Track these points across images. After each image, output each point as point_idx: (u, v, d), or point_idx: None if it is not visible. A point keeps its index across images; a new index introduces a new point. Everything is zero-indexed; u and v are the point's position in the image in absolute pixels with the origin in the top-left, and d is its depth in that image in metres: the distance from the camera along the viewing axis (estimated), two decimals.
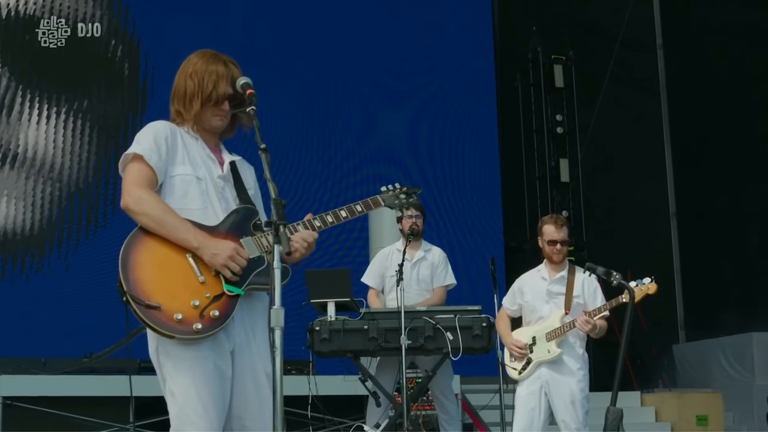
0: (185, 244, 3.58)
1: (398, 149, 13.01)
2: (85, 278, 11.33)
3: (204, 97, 3.80)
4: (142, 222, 3.59)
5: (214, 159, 3.85)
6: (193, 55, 3.90)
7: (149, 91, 12.28)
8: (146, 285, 3.50)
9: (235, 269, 3.57)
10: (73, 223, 11.77)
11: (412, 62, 13.32)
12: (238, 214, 3.74)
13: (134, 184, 3.62)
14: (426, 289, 7.95)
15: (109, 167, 11.93)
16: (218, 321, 3.51)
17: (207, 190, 3.75)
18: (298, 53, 12.68)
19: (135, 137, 3.76)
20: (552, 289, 6.81)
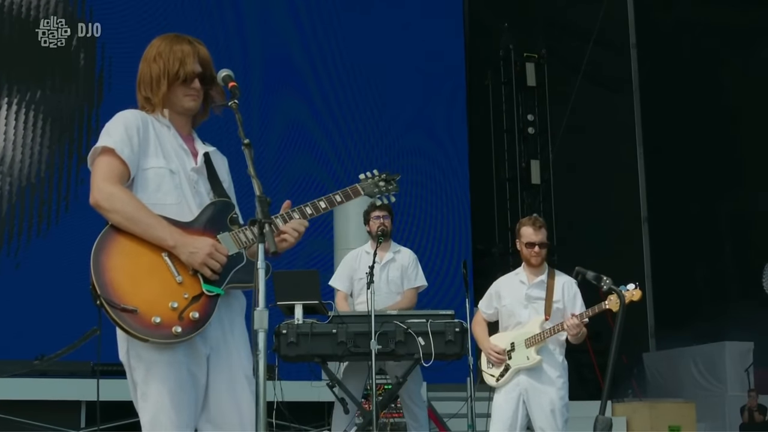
0: (161, 242, 3.49)
1: (364, 146, 12.98)
2: (36, 277, 11.20)
3: (171, 76, 3.70)
4: (113, 220, 3.49)
5: (187, 150, 3.75)
6: (155, 40, 3.81)
7: (106, 83, 12.17)
8: (121, 287, 3.41)
9: (215, 267, 3.50)
10: (23, 219, 11.62)
11: (379, 57, 13.28)
12: (215, 208, 3.66)
13: (105, 180, 3.52)
14: (396, 292, 7.92)
15: (62, 161, 11.81)
16: (198, 323, 3.45)
17: (181, 183, 3.65)
18: (260, 48, 12.63)
19: (104, 128, 3.65)
20: (531, 294, 6.80)
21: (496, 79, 14.48)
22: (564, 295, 6.71)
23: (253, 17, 12.69)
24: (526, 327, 6.67)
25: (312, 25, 13.05)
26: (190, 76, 3.71)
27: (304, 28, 13.00)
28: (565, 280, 6.76)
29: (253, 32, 12.70)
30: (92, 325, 7.76)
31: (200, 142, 3.82)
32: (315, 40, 13.02)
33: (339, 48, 13.11)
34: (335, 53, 13.08)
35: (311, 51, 12.98)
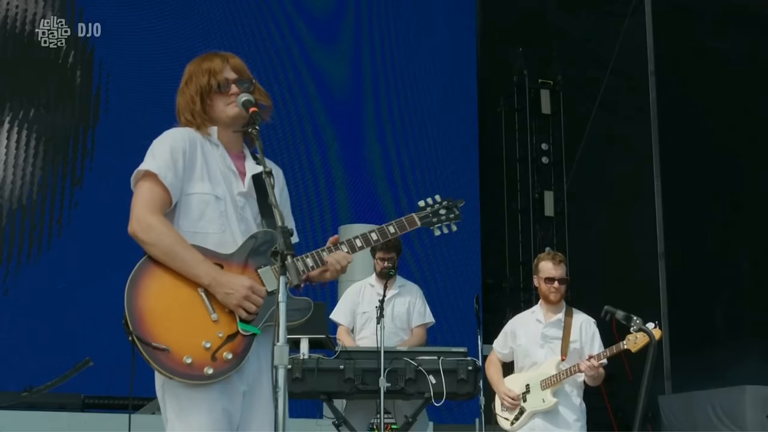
0: (196, 280, 3.52)
1: (371, 173, 13.00)
2: (25, 304, 11.19)
3: (204, 90, 3.76)
4: (151, 252, 3.54)
5: (236, 172, 3.78)
6: (186, 66, 3.89)
7: (102, 102, 12.18)
8: (153, 323, 3.45)
9: (250, 309, 3.51)
10: (13, 244, 11.59)
11: (388, 82, 13.33)
12: (257, 240, 3.68)
13: (144, 209, 3.57)
14: (401, 327, 7.93)
15: (55, 183, 11.81)
16: (231, 364, 3.46)
17: (226, 210, 3.69)
18: (261, 65, 12.67)
19: (151, 146, 3.70)
20: (547, 333, 6.80)
21: (509, 106, 14.52)
22: (582, 334, 6.72)
23: (256, 36, 12.74)
24: (542, 368, 6.67)
25: (319, 51, 13.10)
26: (223, 84, 3.73)
27: (313, 50, 13.04)
28: (583, 319, 6.76)
29: (252, 53, 12.75)
30: (84, 355, 7.76)
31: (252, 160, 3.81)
32: (321, 66, 13.06)
33: (347, 72, 13.15)
34: (342, 77, 13.13)
35: (315, 79, 13.02)
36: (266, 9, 12.96)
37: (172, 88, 11.83)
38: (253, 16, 12.82)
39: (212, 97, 3.76)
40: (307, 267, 3.75)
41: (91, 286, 11.21)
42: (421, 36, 13.59)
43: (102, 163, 11.83)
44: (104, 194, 11.58)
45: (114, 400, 10.09)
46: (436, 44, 13.64)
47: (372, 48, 13.33)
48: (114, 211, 11.13)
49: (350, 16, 13.35)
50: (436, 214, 4.10)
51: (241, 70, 3.82)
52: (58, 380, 8.79)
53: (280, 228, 3.33)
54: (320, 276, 3.82)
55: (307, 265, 3.75)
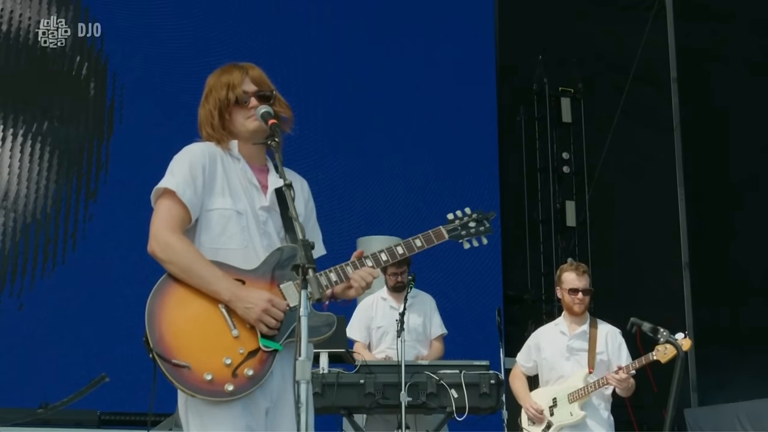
0: (216, 296, 3.55)
1: (389, 184, 12.99)
2: (40, 319, 11.22)
3: (222, 104, 3.77)
4: (170, 270, 3.58)
5: (258, 186, 3.80)
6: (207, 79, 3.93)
7: (117, 114, 12.21)
8: (174, 341, 3.48)
9: (270, 324, 3.53)
10: (28, 258, 11.63)
11: (408, 91, 13.33)
12: (281, 255, 3.70)
13: (163, 227, 3.61)
14: (417, 339, 7.96)
15: (69, 196, 11.85)
16: (252, 381, 3.47)
17: (248, 225, 3.71)
18: (278, 75, 12.68)
19: (171, 163, 3.73)
20: (573, 345, 6.81)
21: (529, 115, 14.49)
22: (608, 345, 6.72)
23: (273, 45, 12.76)
24: (569, 381, 6.67)
25: (337, 60, 13.12)
26: (242, 97, 3.74)
27: (327, 62, 13.06)
28: (609, 329, 6.77)
29: (268, 63, 12.77)
30: (99, 371, 7.80)
31: (274, 173, 3.82)
32: (339, 76, 13.08)
33: (364, 81, 13.16)
34: (359, 86, 13.13)
35: (333, 89, 13.04)
36: (283, 18, 12.96)
37: (188, 100, 11.90)
38: (269, 25, 12.83)
39: (231, 111, 3.78)
40: (331, 282, 3.77)
41: (107, 301, 11.25)
42: (439, 44, 13.58)
43: (117, 176, 11.86)
44: (119, 207, 11.63)
45: (131, 416, 10.12)
46: (454, 52, 13.62)
47: (389, 57, 13.32)
48: (129, 224, 11.36)
49: (367, 26, 13.34)
50: (465, 227, 4.09)
51: (261, 82, 3.84)
52: (74, 396, 8.84)
53: (301, 241, 3.35)
54: (344, 292, 3.83)
55: (331, 281, 3.77)
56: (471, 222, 4.10)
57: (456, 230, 4.06)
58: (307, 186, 4.02)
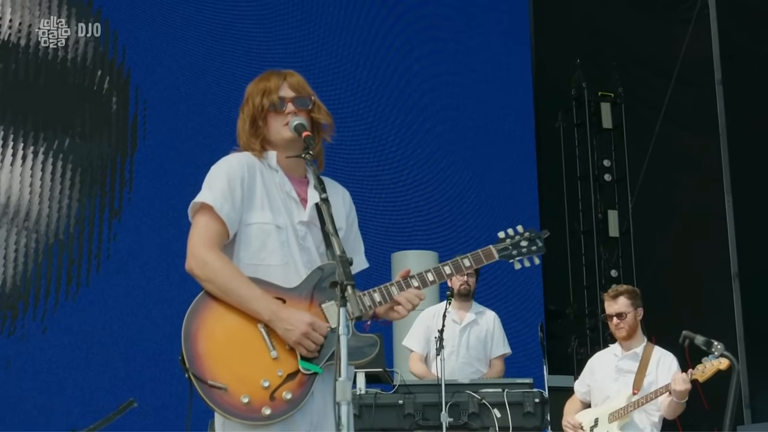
0: (255, 315, 3.57)
1: (424, 196, 12.99)
2: (65, 343, 11.27)
3: (257, 112, 3.80)
4: (208, 289, 3.60)
5: (297, 199, 3.82)
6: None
7: (140, 130, 12.24)
8: (211, 361, 3.49)
9: (310, 347, 3.55)
10: (51, 280, 11.68)
11: (441, 99, 13.34)
12: (323, 273, 3.71)
13: (200, 244, 3.63)
14: (477, 358, 7.96)
15: (93, 215, 11.90)
16: (291, 404, 3.48)
17: (288, 240, 3.73)
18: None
19: (207, 175, 3.75)
20: (621, 366, 6.81)
21: (568, 121, 14.46)
22: (658, 368, 6.69)
23: (300, 54, 12.79)
24: (613, 401, 6.66)
25: (367, 69, 13.14)
26: (277, 103, 3.76)
27: (359, 65, 13.09)
28: (663, 354, 6.75)
29: (297, 69, 12.79)
30: (127, 396, 7.85)
31: (315, 184, 3.81)
32: (370, 85, 13.09)
33: (396, 90, 13.18)
34: (391, 95, 13.14)
35: (363, 98, 13.05)
36: (311, 26, 12.98)
37: (214, 113, 11.99)
38: (297, 33, 12.87)
39: (268, 118, 3.80)
40: (374, 302, 3.77)
41: (133, 323, 11.33)
42: (473, 50, 13.59)
43: (141, 194, 11.92)
44: (144, 226, 11.69)
45: None
46: (489, 58, 13.63)
47: (422, 64, 13.34)
48: (155, 243, 11.43)
49: (399, 33, 13.35)
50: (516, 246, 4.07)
51: (300, 88, 3.86)
52: (102, 422, 8.87)
53: (338, 257, 3.36)
54: (387, 313, 3.84)
55: (374, 300, 3.77)
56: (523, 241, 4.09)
57: (507, 250, 4.05)
58: (349, 196, 4.03)
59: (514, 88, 13.69)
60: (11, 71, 12.17)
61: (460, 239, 12.58)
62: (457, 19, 13.68)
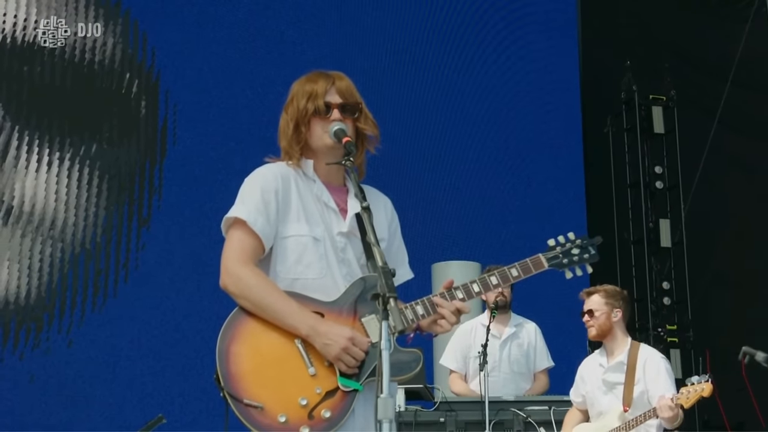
0: (293, 331, 3.59)
1: (466, 204, 12.97)
2: (91, 357, 11.37)
3: (300, 116, 3.80)
4: (243, 305, 3.62)
5: (336, 209, 3.83)
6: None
7: (170, 135, 12.31)
8: (246, 379, 3.52)
9: (350, 363, 3.56)
10: (77, 292, 11.76)
11: (483, 102, 13.32)
12: (364, 285, 3.72)
13: (233, 260, 3.65)
14: (519, 372, 7.96)
15: (121, 224, 11.97)
16: (330, 423, 3.50)
17: (326, 253, 3.75)
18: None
19: (240, 189, 3.77)
20: (608, 379, 6.78)
21: (617, 126, 14.38)
22: (645, 373, 6.62)
23: (337, 57, 12.78)
24: (606, 419, 6.63)
25: (406, 73, 13.13)
26: (322, 108, 3.77)
27: (400, 70, 13.08)
28: (648, 355, 6.67)
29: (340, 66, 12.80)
30: (156, 412, 7.94)
31: (354, 194, 3.83)
32: (409, 89, 13.08)
33: (436, 94, 13.17)
34: (431, 100, 13.13)
35: (403, 103, 13.05)
36: (347, 27, 12.99)
37: (246, 117, 12.03)
38: (332, 35, 12.88)
39: (311, 123, 3.80)
40: (417, 315, 3.78)
41: (162, 336, 11.38)
42: (517, 52, 13.56)
43: (171, 202, 11.97)
44: (174, 235, 11.74)
45: None
46: (534, 60, 13.59)
47: (462, 67, 13.31)
48: (185, 253, 11.48)
49: (439, 35, 13.33)
50: (567, 254, 4.03)
51: (348, 93, 3.85)
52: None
53: (380, 268, 3.35)
54: (431, 326, 3.83)
55: (417, 314, 3.78)
56: (574, 248, 4.04)
57: (557, 258, 4.00)
58: (390, 204, 4.03)
59: (560, 91, 13.64)
60: (36, 74, 12.28)
61: (503, 249, 12.55)
62: (499, 19, 13.64)
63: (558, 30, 13.89)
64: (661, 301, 13.34)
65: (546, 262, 3.98)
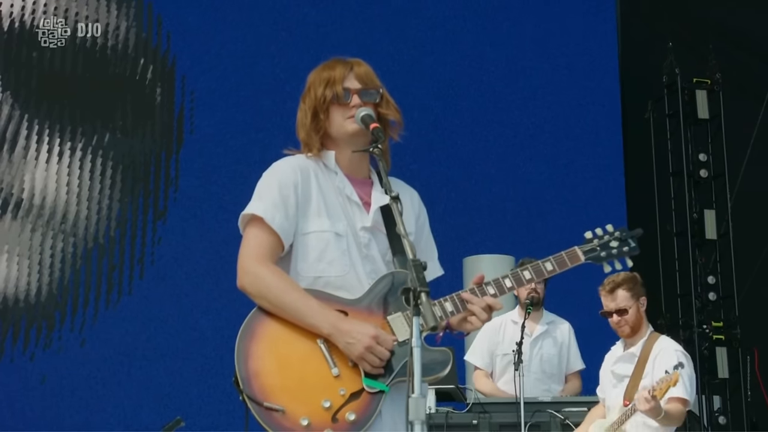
0: (315, 330, 3.61)
1: (498, 194, 12.94)
2: (105, 357, 11.42)
3: (318, 103, 3.81)
4: (262, 305, 3.65)
5: (359, 203, 3.84)
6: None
7: (186, 123, 12.34)
8: (266, 381, 3.54)
9: (374, 363, 3.57)
10: (90, 288, 11.81)
11: (516, 86, 13.28)
12: (390, 281, 3.73)
13: (250, 258, 3.68)
14: (550, 373, 7.96)
15: (135, 217, 12.00)
16: (355, 426, 3.51)
17: (348, 249, 3.75)
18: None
19: (258, 185, 3.78)
20: (617, 371, 6.78)
21: (659, 111, 14.31)
22: (654, 368, 6.54)
23: (362, 39, 12.75)
24: (611, 413, 6.62)
25: (434, 54, 13.11)
26: (341, 94, 3.78)
27: (422, 60, 13.05)
28: (662, 348, 6.60)
29: (357, 57, 12.79)
30: (173, 414, 8.00)
31: (379, 186, 3.85)
32: (437, 72, 13.05)
33: (467, 77, 13.14)
34: (462, 83, 13.11)
35: (430, 87, 13.02)
36: (373, 9, 12.95)
37: (267, 105, 12.04)
38: (357, 17, 12.84)
39: (330, 110, 3.80)
40: (446, 312, 3.77)
41: (180, 335, 11.41)
42: (553, 33, 13.49)
43: (188, 194, 11.99)
44: (192, 229, 11.76)
45: None
46: (570, 41, 13.54)
47: (495, 48, 13.27)
48: (203, 248, 11.51)
49: (470, 14, 13.29)
50: (605, 247, 4.00)
51: (368, 79, 3.86)
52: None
53: (411, 261, 3.35)
54: (461, 324, 3.83)
55: (446, 311, 3.77)
56: (613, 241, 4.01)
57: (594, 251, 3.98)
58: (418, 197, 4.02)
59: (598, 74, 13.60)
60: (46, 60, 12.32)
61: (538, 242, 12.51)
62: (534, 1, 13.60)
63: (596, 8, 13.83)
64: (707, 297, 13.27)
65: (583, 255, 3.95)
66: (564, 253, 3.93)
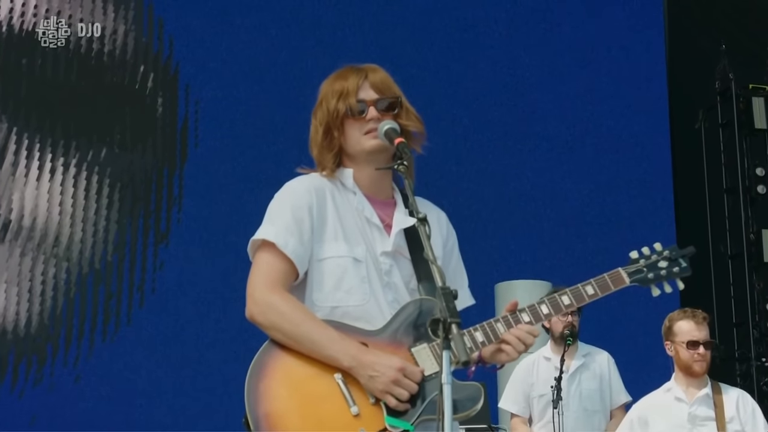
0: (333, 363, 3.58)
1: (534, 213, 12.93)
2: (102, 394, 11.42)
3: (330, 117, 3.79)
4: (275, 337, 3.63)
5: (380, 225, 3.82)
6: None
7: (191, 136, 12.35)
8: (280, 422, 3.52)
9: (401, 397, 3.55)
10: (85, 318, 11.82)
11: (556, 95, 13.26)
12: (412, 311, 3.71)
13: (261, 287, 3.65)
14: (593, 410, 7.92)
15: (135, 240, 12.01)
16: None
17: (368, 275, 3.73)
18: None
19: (269, 206, 3.77)
20: (696, 413, 6.74)
21: (711, 121, 14.31)
22: (740, 411, 6.61)
23: (381, 44, 12.76)
24: None
25: (465, 60, 13.11)
26: (355, 107, 3.76)
27: (449, 66, 13.06)
28: (738, 393, 6.69)
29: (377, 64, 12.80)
30: None
31: (402, 207, 3.83)
32: (468, 78, 13.05)
33: (502, 85, 13.13)
34: (496, 92, 13.10)
35: (460, 95, 13.02)
36: (394, 11, 12.95)
37: (278, 116, 12.07)
38: (377, 19, 12.85)
39: (345, 125, 3.78)
40: (476, 343, 3.74)
41: (183, 369, 11.40)
42: (594, 36, 13.48)
43: (192, 214, 12.00)
44: (196, 252, 11.75)
45: None
46: (614, 45, 13.53)
47: (531, 54, 13.27)
48: (209, 273, 11.52)
49: (502, 16, 13.28)
50: (653, 267, 3.97)
51: (384, 87, 3.82)
52: None
53: (440, 289, 3.32)
54: (494, 356, 3.80)
55: (476, 341, 3.74)
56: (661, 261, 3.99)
57: (641, 272, 3.94)
58: (446, 219, 3.99)
59: (644, 82, 13.58)
60: (37, 67, 12.35)
61: (577, 266, 12.49)
62: (575, 3, 13.58)
63: (642, 10, 13.81)
64: (765, 326, 13.23)
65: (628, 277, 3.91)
66: (607, 275, 3.88)
